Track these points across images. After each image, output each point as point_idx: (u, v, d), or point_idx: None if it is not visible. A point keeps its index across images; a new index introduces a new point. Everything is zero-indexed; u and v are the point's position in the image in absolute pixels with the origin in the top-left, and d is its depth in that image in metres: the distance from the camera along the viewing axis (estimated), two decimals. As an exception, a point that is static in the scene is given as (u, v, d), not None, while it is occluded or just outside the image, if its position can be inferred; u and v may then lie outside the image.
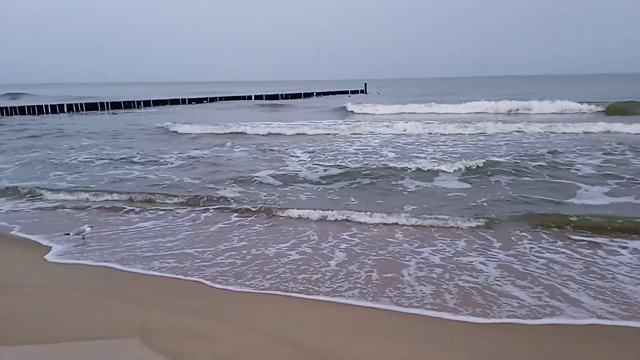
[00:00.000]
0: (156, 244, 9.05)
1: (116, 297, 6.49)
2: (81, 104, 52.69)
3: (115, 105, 54.97)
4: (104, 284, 7.10)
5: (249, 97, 70.66)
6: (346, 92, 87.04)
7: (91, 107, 52.99)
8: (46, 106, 49.53)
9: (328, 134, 26.19)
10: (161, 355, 4.81)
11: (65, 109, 50.80)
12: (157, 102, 59.75)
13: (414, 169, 15.10)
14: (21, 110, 47.46)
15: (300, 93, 79.46)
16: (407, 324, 5.93)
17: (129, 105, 56.24)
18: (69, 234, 9.23)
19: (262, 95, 72.55)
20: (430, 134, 25.69)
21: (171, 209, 11.47)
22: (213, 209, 11.41)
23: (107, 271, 7.74)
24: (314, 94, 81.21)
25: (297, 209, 10.91)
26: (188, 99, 64.26)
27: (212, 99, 66.11)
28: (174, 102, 61.77)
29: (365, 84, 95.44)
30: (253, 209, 11.23)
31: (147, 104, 58.22)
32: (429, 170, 15.11)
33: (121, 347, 4.97)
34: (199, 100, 64.74)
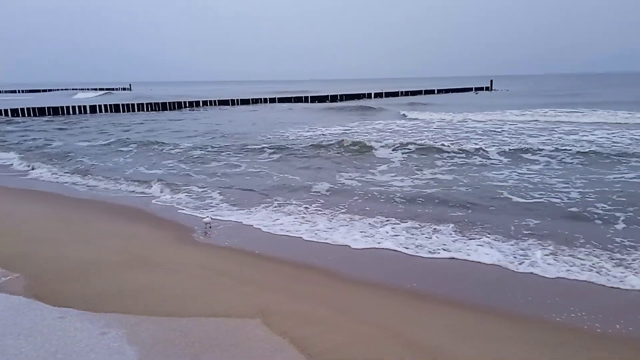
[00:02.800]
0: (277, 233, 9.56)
1: (241, 279, 6.96)
2: (214, 100, 57.12)
3: (244, 102, 58.73)
4: (231, 266, 7.65)
5: (369, 95, 70.85)
6: (470, 89, 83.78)
7: (223, 102, 57.28)
8: (184, 102, 54.53)
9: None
10: (280, 336, 5.08)
11: (201, 104, 55.39)
12: (282, 99, 62.41)
13: None
14: (163, 106, 52.50)
15: (421, 90, 78.03)
16: (529, 331, 5.64)
17: (256, 101, 59.73)
18: (204, 219, 9.98)
19: (381, 93, 72.41)
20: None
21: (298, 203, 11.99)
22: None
23: (234, 254, 8.35)
24: (435, 91, 79.25)
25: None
26: (311, 96, 66.12)
27: (334, 98, 67.21)
28: (298, 99, 64.06)
29: (492, 81, 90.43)
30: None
31: (272, 100, 61.23)
32: None
33: (244, 326, 5.33)
34: (322, 99, 66.04)
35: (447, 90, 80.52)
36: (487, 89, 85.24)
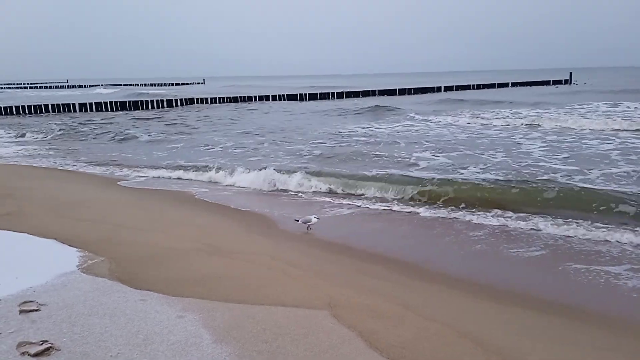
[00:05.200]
0: (349, 230, 9.61)
1: (310, 271, 7.08)
2: (283, 95, 58.31)
3: (312, 97, 59.37)
4: (299, 258, 7.81)
5: (439, 89, 69.28)
6: (547, 83, 79.65)
7: (292, 97, 58.33)
8: (255, 96, 56.62)
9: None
10: (347, 329, 5.11)
11: (270, 99, 56.76)
12: (349, 94, 62.40)
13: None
14: (234, 100, 54.79)
15: (494, 83, 75.29)
16: (611, 337, 5.35)
17: (324, 96, 60.16)
18: (297, 221, 9.62)
19: (452, 87, 70.59)
20: None
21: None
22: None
23: (303, 246, 8.57)
24: (509, 84, 76.08)
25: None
26: (378, 90, 65.65)
27: (402, 91, 66.26)
28: (365, 93, 63.90)
29: (571, 73, 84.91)
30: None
31: (340, 95, 61.42)
32: None
33: (312, 317, 5.41)
34: (392, 93, 65.26)
35: (521, 84, 76.97)
36: (565, 82, 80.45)
